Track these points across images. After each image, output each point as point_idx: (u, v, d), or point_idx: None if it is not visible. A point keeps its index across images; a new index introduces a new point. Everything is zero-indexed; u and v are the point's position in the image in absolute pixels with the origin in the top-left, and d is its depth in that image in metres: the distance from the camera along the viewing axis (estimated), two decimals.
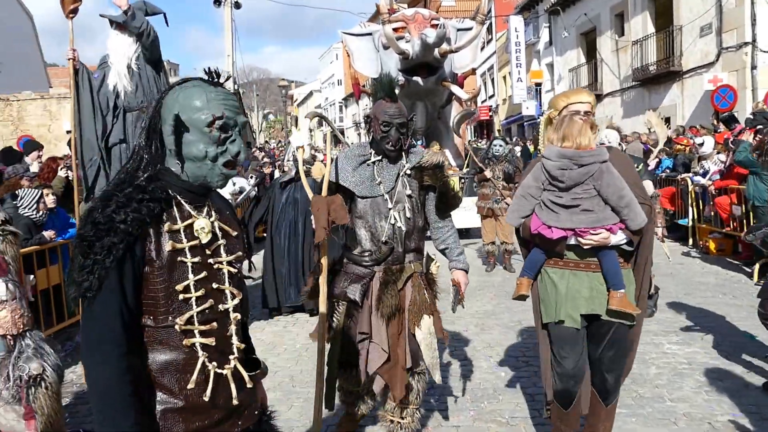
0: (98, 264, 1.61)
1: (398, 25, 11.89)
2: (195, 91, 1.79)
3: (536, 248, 3.29)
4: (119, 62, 5.39)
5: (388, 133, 3.19)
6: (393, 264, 3.33)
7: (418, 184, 3.34)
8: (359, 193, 3.30)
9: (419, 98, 12.27)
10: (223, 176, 1.81)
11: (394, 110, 3.20)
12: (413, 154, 3.36)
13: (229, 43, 21.33)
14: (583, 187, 3.02)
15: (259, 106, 65.86)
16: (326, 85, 69.96)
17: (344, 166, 3.36)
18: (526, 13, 29.39)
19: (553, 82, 27.81)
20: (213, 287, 1.80)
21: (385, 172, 3.31)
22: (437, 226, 3.49)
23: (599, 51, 23.54)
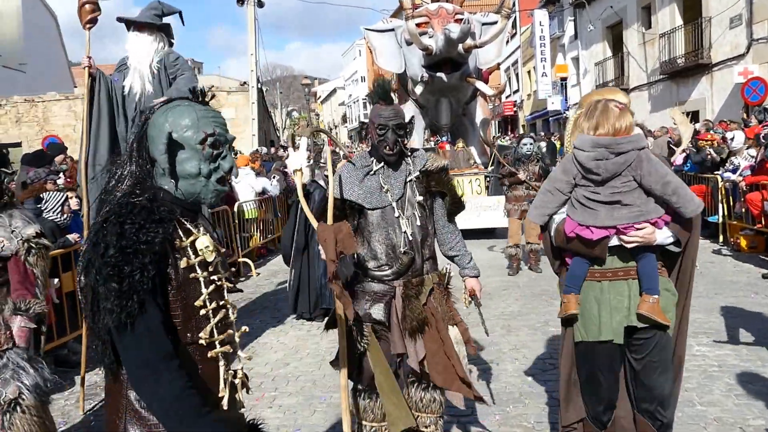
0: (134, 286, 1.59)
1: (421, 20, 11.84)
2: (184, 110, 1.82)
3: (577, 258, 2.92)
4: (141, 64, 5.34)
5: (385, 136, 3.08)
6: (413, 276, 3.17)
7: (426, 189, 3.21)
8: (369, 205, 3.16)
9: (443, 95, 12.24)
10: (215, 192, 1.85)
11: (390, 112, 3.09)
12: (417, 158, 3.24)
13: (252, 41, 21.40)
14: (621, 180, 2.72)
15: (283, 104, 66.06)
16: (349, 82, 69.97)
17: (350, 180, 3.21)
18: (551, 7, 29.11)
19: (579, 77, 27.52)
20: (219, 303, 1.84)
21: (392, 179, 3.19)
22: (446, 231, 3.33)
23: (626, 44, 23.25)
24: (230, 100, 23.27)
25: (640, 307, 2.81)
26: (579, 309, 2.92)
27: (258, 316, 7.57)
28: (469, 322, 3.46)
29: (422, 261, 3.20)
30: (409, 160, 3.22)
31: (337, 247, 2.88)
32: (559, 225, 2.91)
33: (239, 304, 8.06)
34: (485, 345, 5.76)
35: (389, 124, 3.06)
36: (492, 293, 7.78)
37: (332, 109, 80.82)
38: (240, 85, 23.91)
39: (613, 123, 2.75)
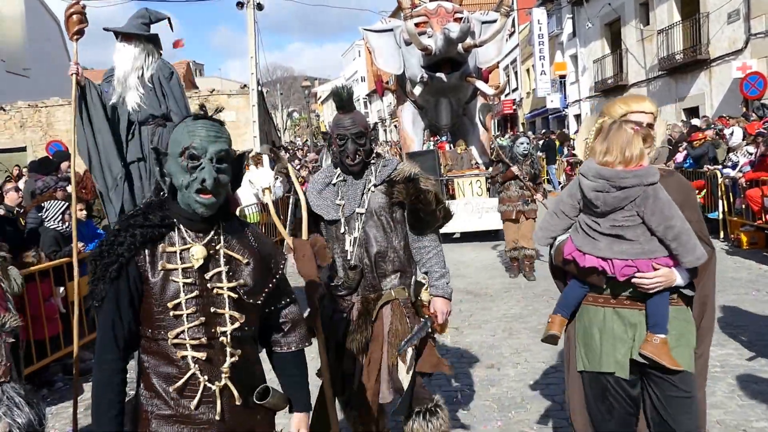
0: (100, 281, 1.88)
1: (420, 19, 11.67)
2: (179, 127, 1.97)
3: (575, 281, 2.71)
4: (130, 75, 5.12)
5: (345, 146, 2.96)
6: (370, 292, 3.05)
7: (389, 199, 3.02)
8: (326, 216, 3.09)
9: (443, 95, 12.12)
10: (198, 203, 1.91)
11: (348, 121, 2.97)
12: (385, 167, 3.07)
13: (252, 44, 21.36)
14: (623, 213, 2.48)
15: (284, 105, 66.00)
16: (349, 82, 69.90)
17: (312, 189, 3.17)
18: (549, 5, 29.03)
19: (578, 74, 27.44)
20: (210, 311, 1.93)
21: (350, 190, 3.07)
22: (416, 246, 3.11)
23: (624, 41, 23.16)
24: (231, 103, 23.24)
25: (644, 348, 2.53)
26: (561, 332, 2.75)
27: None
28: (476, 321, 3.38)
29: (380, 277, 3.04)
30: (372, 168, 3.08)
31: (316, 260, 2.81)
32: (561, 244, 2.71)
33: None
34: (486, 349, 5.72)
35: (348, 133, 2.96)
36: (494, 295, 7.73)
37: (332, 110, 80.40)
38: (240, 88, 23.89)
39: (622, 150, 2.49)
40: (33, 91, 22.73)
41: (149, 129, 5.16)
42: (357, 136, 2.96)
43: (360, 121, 3.00)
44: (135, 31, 5.17)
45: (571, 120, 28.10)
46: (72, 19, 4.66)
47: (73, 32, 4.69)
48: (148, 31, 5.23)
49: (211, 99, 23.48)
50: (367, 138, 3.01)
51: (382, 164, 3.09)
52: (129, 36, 5.16)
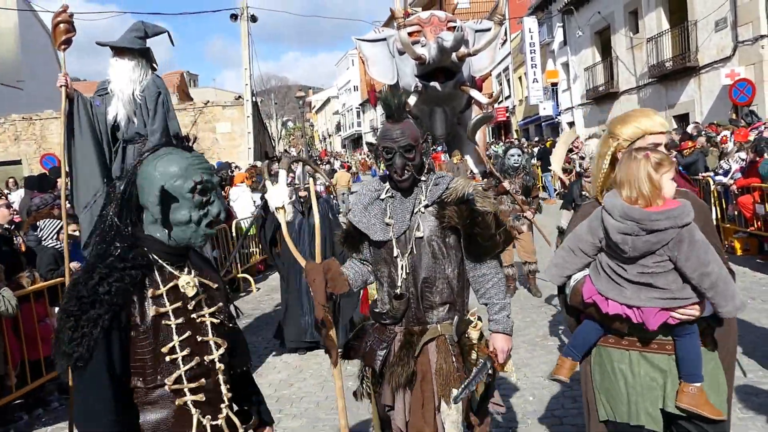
0: (87, 336, 1.66)
1: (413, 28, 11.60)
2: (172, 159, 1.86)
3: (590, 321, 2.46)
4: (122, 92, 5.00)
5: (392, 160, 2.66)
6: (414, 324, 2.74)
7: (439, 222, 2.69)
8: (373, 236, 2.77)
9: (438, 104, 12.06)
10: (205, 236, 1.90)
11: (397, 133, 2.65)
12: (437, 185, 2.72)
13: (246, 56, 21.37)
14: (654, 259, 2.19)
15: (278, 114, 65.98)
16: (343, 91, 69.99)
17: (357, 203, 2.86)
18: (540, 14, 29.10)
19: (569, 82, 27.49)
20: (197, 341, 1.87)
21: (399, 209, 2.74)
22: (474, 274, 2.76)
23: (614, 49, 23.21)
24: (226, 114, 23.28)
25: (681, 399, 2.27)
26: (568, 377, 2.55)
27: (260, 333, 7.45)
28: None
29: (426, 309, 2.73)
30: (423, 186, 2.74)
31: (327, 287, 2.65)
32: (578, 284, 2.43)
33: (240, 321, 7.84)
34: None
35: (396, 146, 2.64)
36: None
37: (326, 119, 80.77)
38: (235, 99, 23.89)
39: (638, 187, 2.21)
40: (27, 103, 22.64)
41: (136, 148, 5.01)
42: (406, 149, 2.65)
43: (410, 133, 2.68)
44: (127, 45, 5.05)
45: (565, 127, 28.10)
46: (59, 29, 4.53)
47: (60, 42, 4.56)
48: (142, 45, 5.10)
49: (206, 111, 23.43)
50: (417, 151, 2.69)
51: (434, 181, 2.75)
52: (122, 50, 5.03)
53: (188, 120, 21.81)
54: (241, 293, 9.68)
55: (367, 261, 2.91)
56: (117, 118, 5.00)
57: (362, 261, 2.92)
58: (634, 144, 2.42)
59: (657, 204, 2.21)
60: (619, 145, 2.45)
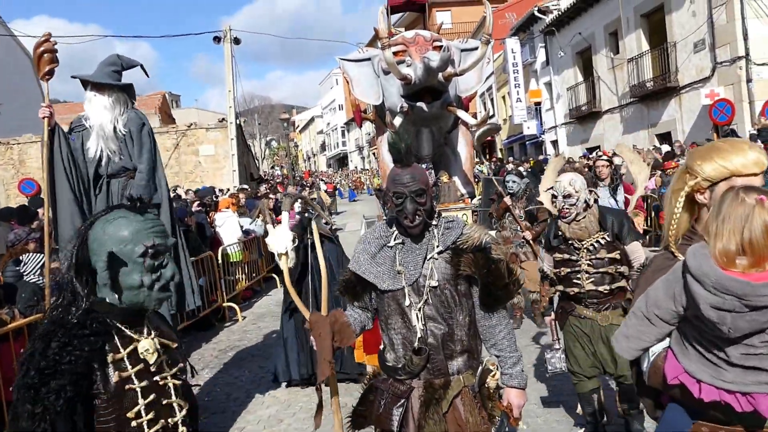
0: (49, 409, 1.59)
1: (398, 48, 11.58)
2: (122, 223, 1.83)
3: (676, 407, 1.98)
4: (102, 126, 4.82)
5: (403, 206, 2.57)
6: (435, 376, 2.61)
7: (454, 270, 2.60)
8: (381, 285, 2.65)
9: (424, 124, 12.13)
10: (159, 300, 1.85)
11: (407, 177, 2.59)
12: (449, 230, 2.65)
13: (230, 78, 21.44)
14: (761, 338, 1.69)
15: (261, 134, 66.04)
16: (327, 111, 70.30)
17: (363, 251, 2.74)
18: (522, 35, 29.57)
19: (552, 101, 27.92)
20: (162, 403, 1.83)
21: (410, 256, 2.64)
22: (485, 324, 2.67)
23: (596, 69, 23.65)
24: (209, 136, 23.21)
25: None
26: None
27: (247, 366, 7.25)
28: None
29: (447, 359, 2.61)
30: (435, 232, 2.66)
31: (334, 340, 2.61)
32: (658, 359, 1.95)
33: (227, 353, 7.85)
34: None
35: (407, 191, 2.57)
36: None
37: (311, 138, 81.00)
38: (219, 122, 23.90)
39: (750, 242, 1.68)
40: (4, 127, 22.36)
41: (120, 182, 4.89)
42: (417, 194, 2.58)
43: (420, 177, 2.62)
44: (107, 80, 4.86)
45: (548, 146, 28.52)
46: (43, 59, 4.45)
47: (44, 72, 4.47)
48: (119, 80, 4.95)
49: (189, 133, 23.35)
50: (428, 196, 2.62)
51: (445, 226, 2.67)
52: (101, 85, 4.85)
53: (170, 143, 21.70)
54: (226, 323, 9.60)
55: (367, 308, 2.84)
56: (98, 154, 4.84)
57: (362, 308, 2.85)
58: (716, 186, 1.95)
59: (766, 268, 1.69)
60: (698, 185, 1.98)
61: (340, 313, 2.69)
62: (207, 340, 8.61)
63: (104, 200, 4.87)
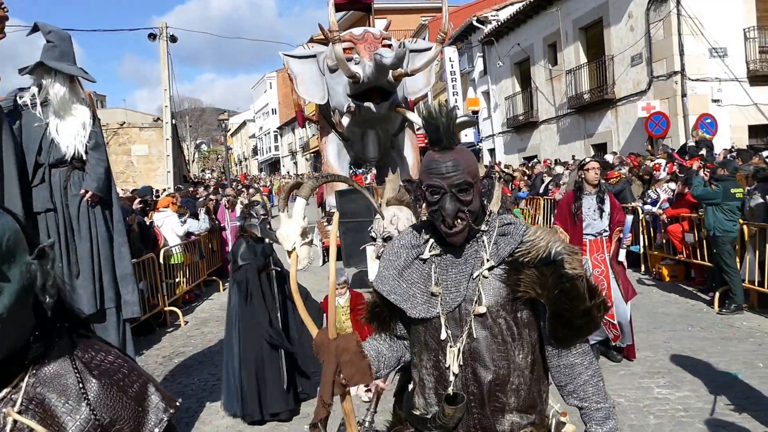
0: None
1: (346, 45, 11.11)
2: None
3: None
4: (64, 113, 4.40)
5: (440, 204, 1.83)
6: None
7: (512, 291, 1.85)
8: (411, 312, 1.93)
9: (371, 126, 11.69)
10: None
11: (448, 165, 1.83)
12: (505, 237, 1.90)
13: (166, 76, 20.46)
14: None
15: (192, 137, 64.27)
16: (260, 114, 69.05)
17: (387, 267, 2.02)
18: (460, 44, 29.60)
19: (490, 110, 27.99)
20: None
21: (449, 274, 1.90)
22: (558, 363, 1.89)
23: (534, 79, 23.80)
24: (143, 136, 22.29)
25: None
26: None
27: (195, 373, 6.70)
28: None
29: (495, 413, 1.85)
30: (485, 240, 1.91)
31: (338, 376, 1.90)
32: None
33: (172, 360, 7.24)
34: None
35: (446, 185, 1.83)
36: None
37: (242, 142, 79.40)
38: (153, 121, 22.84)
39: None
40: None
41: (62, 173, 4.41)
42: (460, 188, 1.83)
43: (467, 166, 1.85)
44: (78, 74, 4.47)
45: (485, 154, 28.57)
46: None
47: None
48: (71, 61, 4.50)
49: (121, 132, 22.32)
50: (474, 191, 1.86)
51: (499, 231, 1.92)
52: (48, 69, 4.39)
53: None
54: (168, 328, 8.92)
55: (401, 337, 2.10)
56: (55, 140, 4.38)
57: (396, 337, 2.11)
58: None
59: None
60: None
61: (353, 341, 1.95)
62: (148, 346, 8.02)
63: (46, 192, 4.35)
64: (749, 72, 16.02)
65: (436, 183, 1.85)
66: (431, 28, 33.11)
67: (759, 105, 16.01)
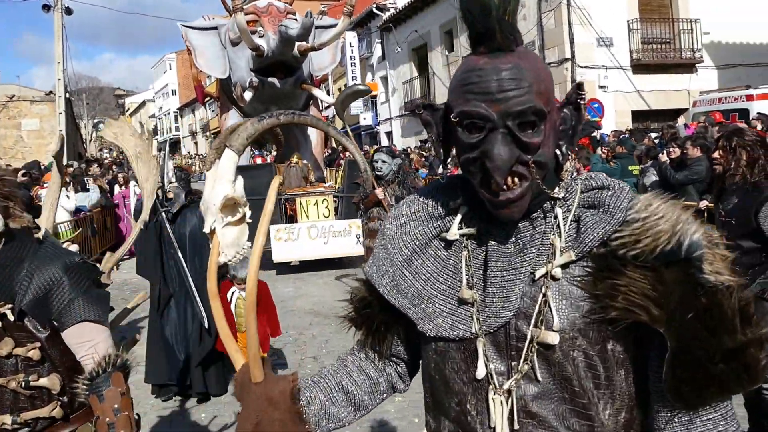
0: None
1: (250, 17, 10.20)
2: None
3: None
4: None
5: (484, 149, 1.02)
6: None
7: (600, 307, 1.03)
8: (425, 326, 1.14)
9: (274, 102, 10.80)
10: None
11: (504, 77, 1.00)
12: (595, 211, 1.07)
13: (60, 49, 18.57)
14: None
15: (89, 116, 60.18)
16: (160, 95, 65.56)
17: (387, 248, 1.22)
18: (360, 29, 28.87)
19: (388, 94, 27.56)
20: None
21: (494, 269, 1.09)
22: (668, 420, 1.05)
23: (431, 65, 23.51)
24: (34, 110, 20.37)
25: None
26: None
27: None
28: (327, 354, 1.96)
29: None
30: (558, 214, 1.09)
31: None
32: None
33: None
34: None
35: (496, 113, 1.00)
36: None
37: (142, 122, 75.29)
38: (46, 95, 20.80)
39: None
40: None
41: None
42: (523, 120, 1.01)
43: (536, 80, 1.02)
44: None
45: (383, 136, 28.15)
46: None
47: None
48: None
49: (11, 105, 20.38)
50: (547, 129, 1.03)
51: (583, 199, 1.10)
52: None
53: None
54: None
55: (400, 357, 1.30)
56: None
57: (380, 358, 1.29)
58: None
59: None
60: None
61: (286, 391, 1.13)
62: None
63: None
64: (632, 61, 16.45)
65: (478, 110, 1.00)
66: (331, 15, 32.19)
67: (641, 92, 16.45)
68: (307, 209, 9.65)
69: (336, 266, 9.41)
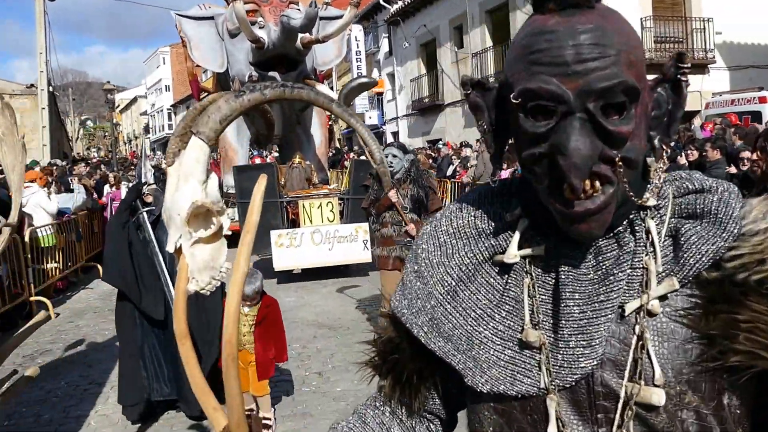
0: None
1: (250, 7, 10.04)
2: None
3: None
4: None
5: (555, 142, 0.78)
6: None
7: (717, 350, 0.82)
8: (475, 379, 0.92)
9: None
10: None
11: (582, 40, 0.78)
12: (697, 222, 0.85)
13: (42, 39, 18.45)
14: None
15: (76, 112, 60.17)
16: (152, 91, 65.54)
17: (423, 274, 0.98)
18: (366, 23, 28.82)
19: (395, 92, 27.49)
20: None
21: (568, 301, 0.87)
22: None
23: (439, 62, 23.46)
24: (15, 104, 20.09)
25: None
26: None
27: (64, 375, 5.67)
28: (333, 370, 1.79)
29: None
30: (651, 227, 0.86)
31: None
32: None
33: (35, 360, 6.10)
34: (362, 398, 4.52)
35: (572, 90, 0.77)
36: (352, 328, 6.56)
37: (133, 119, 75.25)
38: (27, 88, 20.65)
39: None
40: None
41: None
42: (609, 100, 0.78)
43: (625, 47, 0.80)
44: None
45: (389, 137, 28.03)
46: None
47: None
48: None
49: None
50: (637, 110, 0.80)
51: (680, 205, 0.88)
52: None
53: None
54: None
55: (432, 414, 1.08)
56: None
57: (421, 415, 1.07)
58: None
59: None
60: None
61: None
62: None
63: None
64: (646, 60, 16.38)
65: (548, 87, 0.78)
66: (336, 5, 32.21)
67: None
68: (310, 213, 9.34)
69: (341, 274, 9.21)
